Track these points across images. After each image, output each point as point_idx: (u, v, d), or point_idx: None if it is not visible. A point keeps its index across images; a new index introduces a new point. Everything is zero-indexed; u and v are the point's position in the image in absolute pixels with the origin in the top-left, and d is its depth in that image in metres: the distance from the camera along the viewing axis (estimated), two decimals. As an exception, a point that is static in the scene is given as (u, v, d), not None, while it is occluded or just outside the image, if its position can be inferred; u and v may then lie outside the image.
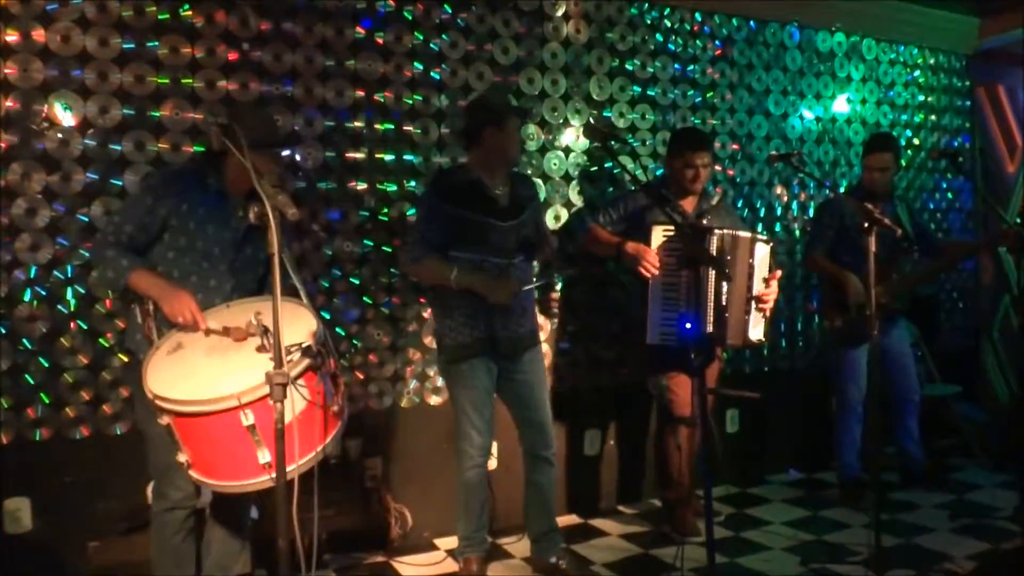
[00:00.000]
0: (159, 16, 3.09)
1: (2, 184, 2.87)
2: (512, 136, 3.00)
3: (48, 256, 2.95)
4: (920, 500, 3.99)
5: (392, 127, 3.53)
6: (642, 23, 4.15)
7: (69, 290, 2.99)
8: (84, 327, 3.01)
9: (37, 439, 2.95)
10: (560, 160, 3.92)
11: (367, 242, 3.49)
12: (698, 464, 3.40)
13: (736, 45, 4.44)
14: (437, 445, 3.56)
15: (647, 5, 4.16)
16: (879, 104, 4.96)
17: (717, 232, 3.25)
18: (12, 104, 2.88)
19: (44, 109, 2.92)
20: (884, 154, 3.89)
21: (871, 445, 3.65)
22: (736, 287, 3.29)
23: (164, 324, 2.37)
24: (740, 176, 4.48)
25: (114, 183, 3.03)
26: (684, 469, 3.55)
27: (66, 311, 2.99)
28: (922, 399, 4.17)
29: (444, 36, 3.63)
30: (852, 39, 4.83)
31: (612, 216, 3.52)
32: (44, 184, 2.93)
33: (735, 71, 4.43)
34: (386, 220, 3.52)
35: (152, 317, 2.39)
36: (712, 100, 4.37)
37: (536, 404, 3.11)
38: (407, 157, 3.56)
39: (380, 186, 3.52)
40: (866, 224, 2.86)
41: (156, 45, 3.09)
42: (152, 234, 2.44)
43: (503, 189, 3.04)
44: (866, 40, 4.89)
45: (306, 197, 3.35)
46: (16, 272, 2.91)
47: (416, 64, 3.57)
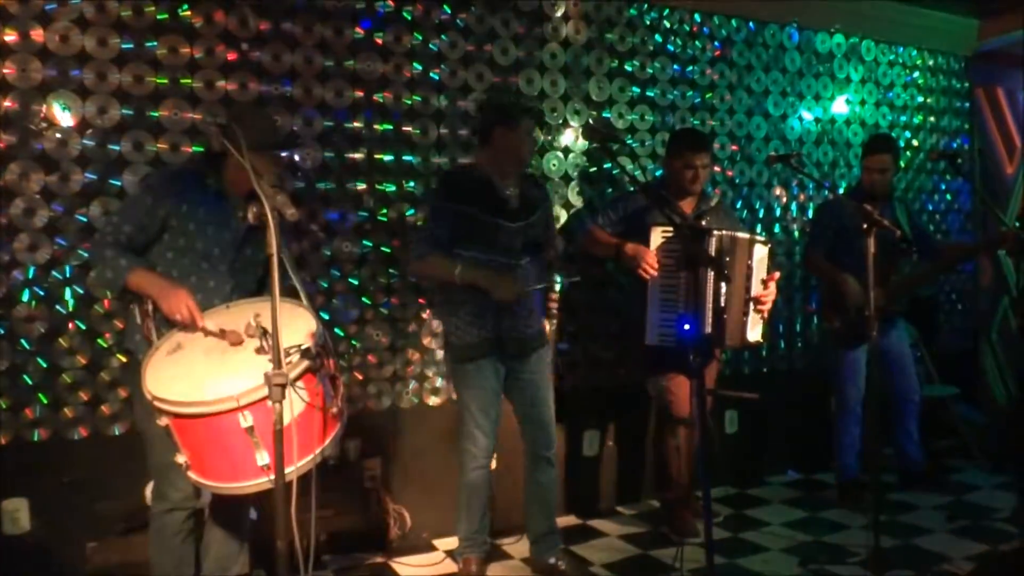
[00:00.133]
0: (158, 16, 3.09)
1: (0, 184, 2.87)
2: (524, 137, 2.98)
3: (46, 256, 2.95)
4: (918, 501, 3.99)
5: (391, 127, 3.53)
6: (641, 24, 4.15)
7: (67, 290, 2.99)
8: (83, 327, 3.01)
9: (35, 439, 2.95)
10: (559, 161, 3.92)
11: (366, 243, 3.49)
12: (697, 465, 3.40)
13: (735, 46, 4.44)
14: (436, 446, 3.56)
15: (646, 6, 4.16)
16: (878, 105, 4.97)
17: (716, 233, 3.25)
18: (11, 104, 2.87)
19: (43, 109, 2.92)
20: (883, 156, 3.90)
21: (870, 446, 3.65)
22: (735, 288, 3.29)
23: (163, 324, 2.37)
24: (739, 177, 4.48)
25: (113, 183, 3.03)
26: (683, 470, 3.56)
27: (64, 311, 2.99)
28: (921, 400, 4.18)
29: (443, 37, 3.63)
30: (851, 40, 4.83)
31: (611, 217, 3.53)
32: (42, 184, 2.93)
33: (734, 72, 4.43)
34: (385, 221, 3.52)
35: (151, 317, 2.38)
36: (711, 101, 4.37)
37: (541, 404, 3.11)
38: (406, 158, 3.56)
39: (379, 186, 3.51)
40: (865, 225, 2.87)
41: (155, 45, 3.09)
42: (151, 234, 2.44)
43: (513, 190, 3.03)
44: (865, 41, 4.89)
45: (305, 197, 3.35)
46: (14, 272, 2.91)
47: (415, 64, 3.57)
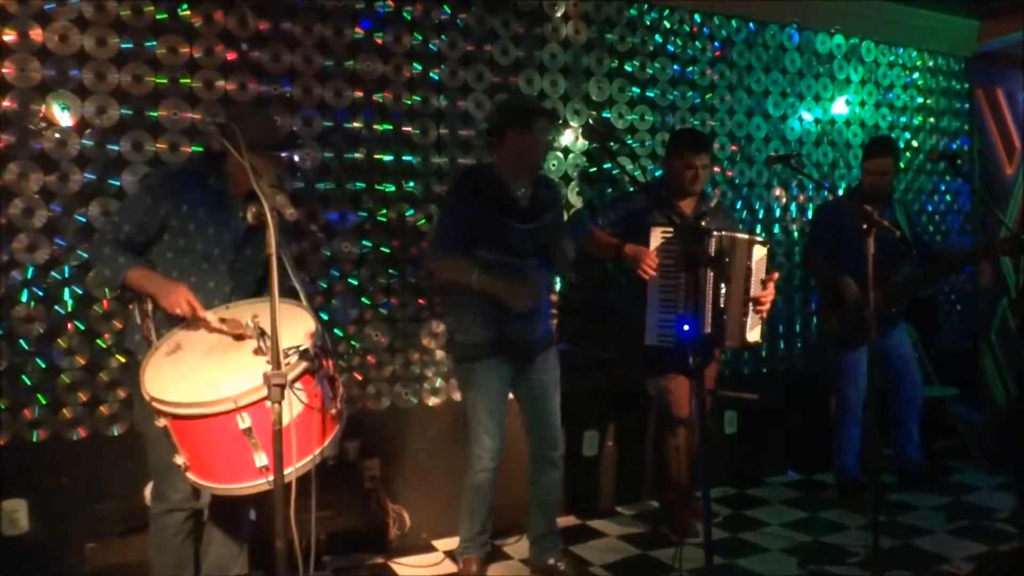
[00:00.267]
0: (157, 16, 3.08)
1: (-1, 184, 2.87)
2: (537, 139, 2.97)
3: (45, 256, 2.94)
4: (918, 502, 3.99)
5: (391, 128, 3.53)
6: (641, 24, 4.15)
7: (66, 290, 2.98)
8: (81, 328, 3.00)
9: (34, 440, 2.94)
10: (559, 161, 3.91)
11: (365, 243, 3.49)
12: (696, 465, 3.40)
13: (735, 47, 4.44)
14: (436, 446, 3.56)
15: (646, 6, 4.15)
16: (878, 106, 4.96)
17: (715, 234, 3.25)
18: (10, 104, 2.87)
19: (42, 109, 2.91)
20: (884, 159, 3.88)
21: (870, 447, 3.65)
22: (734, 289, 3.28)
23: (163, 325, 2.37)
24: (739, 177, 4.48)
25: (112, 183, 3.02)
26: (682, 470, 3.55)
27: (63, 311, 2.98)
28: (921, 401, 4.18)
29: (443, 37, 3.63)
30: (851, 41, 4.83)
31: (611, 218, 3.52)
32: (41, 184, 2.93)
33: (734, 72, 4.43)
34: (384, 221, 3.52)
35: (151, 318, 2.38)
36: (711, 101, 4.37)
37: (547, 406, 3.11)
38: (406, 158, 3.56)
39: (379, 187, 3.51)
40: (865, 227, 2.86)
41: (154, 45, 3.08)
42: (151, 234, 2.43)
43: (525, 191, 3.02)
44: (865, 42, 4.89)
45: (304, 198, 3.35)
46: (13, 272, 2.90)
47: (415, 65, 3.56)
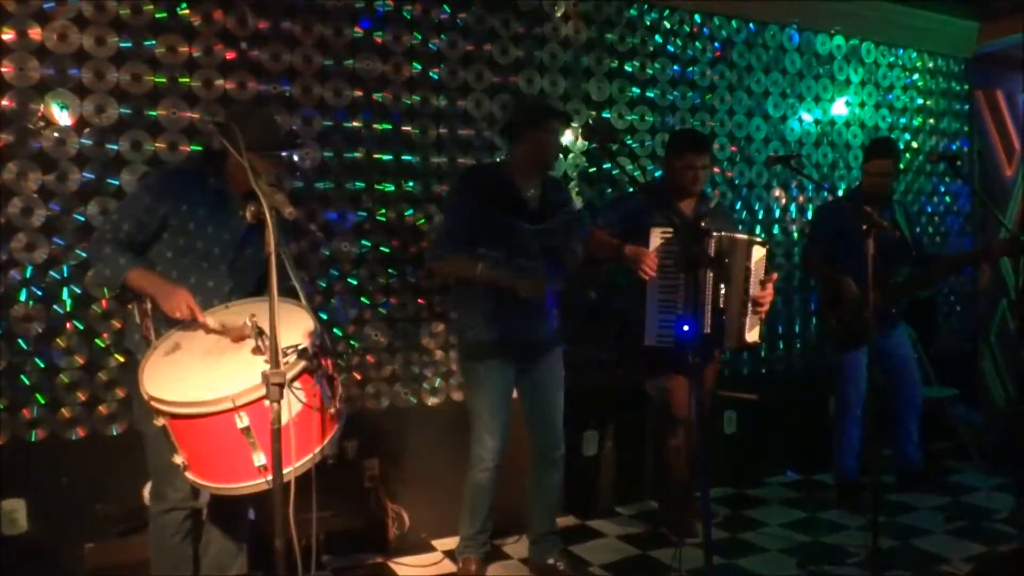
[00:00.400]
0: (156, 15, 3.08)
1: (-2, 183, 2.87)
2: (549, 139, 2.94)
3: (44, 256, 2.94)
4: (917, 502, 3.99)
5: (390, 127, 3.53)
6: (641, 24, 4.15)
7: (65, 290, 2.98)
8: (80, 327, 3.00)
9: (33, 440, 2.94)
10: (559, 161, 3.91)
11: (365, 242, 3.48)
12: (696, 465, 3.40)
13: (735, 47, 4.44)
14: (435, 446, 3.56)
15: (646, 6, 4.15)
16: (878, 107, 4.96)
17: (715, 234, 3.24)
18: (8, 103, 2.86)
19: (40, 108, 2.91)
20: (885, 160, 3.87)
21: (869, 447, 3.65)
22: (733, 289, 3.28)
23: (162, 324, 2.36)
24: (739, 178, 4.48)
25: (111, 182, 3.02)
26: (681, 470, 3.55)
27: (62, 311, 2.98)
28: (921, 401, 4.18)
29: (443, 36, 3.62)
30: (851, 42, 4.83)
31: (610, 218, 3.51)
32: (40, 183, 2.92)
33: (734, 73, 4.43)
34: (384, 220, 3.52)
35: (150, 317, 2.37)
36: (711, 102, 4.37)
37: (550, 406, 3.11)
38: (405, 157, 3.56)
39: (378, 186, 3.51)
40: (865, 227, 2.86)
41: (153, 44, 3.08)
42: (150, 233, 2.43)
43: (534, 192, 3.00)
44: (865, 43, 4.89)
45: (304, 197, 3.34)
46: (12, 272, 2.90)
47: (415, 64, 3.56)
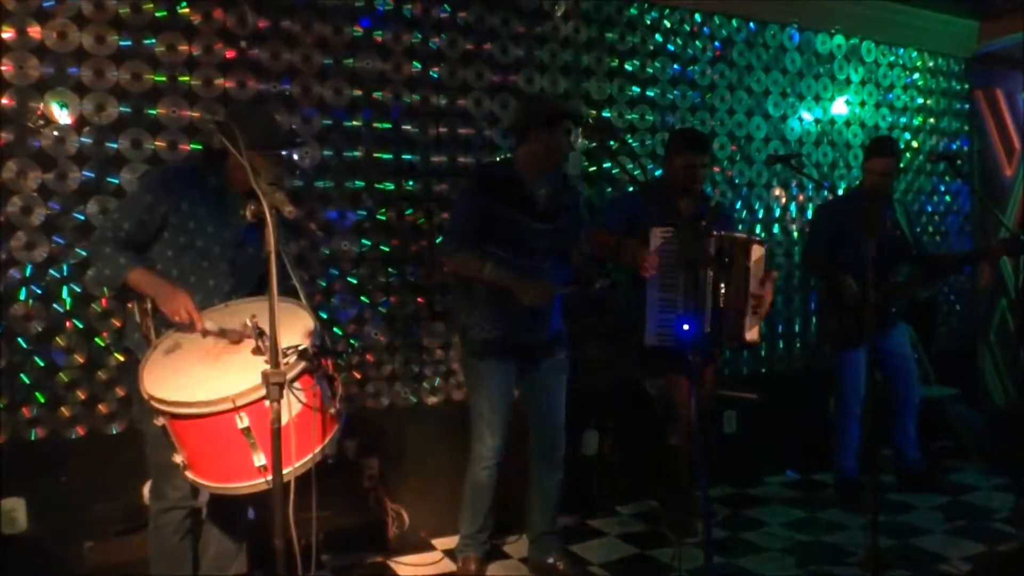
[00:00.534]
0: (156, 13, 3.07)
1: (-2, 182, 2.86)
2: (559, 139, 2.93)
3: (44, 254, 2.94)
4: (916, 502, 3.99)
5: (390, 126, 3.52)
6: (641, 23, 4.14)
7: (65, 289, 2.97)
8: (80, 326, 3.00)
9: (32, 439, 2.94)
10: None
11: (365, 241, 3.48)
12: (695, 465, 3.40)
13: (735, 46, 4.43)
14: (434, 445, 3.56)
15: (647, 5, 4.15)
16: (878, 106, 4.96)
17: (714, 234, 3.24)
18: (8, 101, 2.86)
19: (40, 106, 2.90)
20: (887, 159, 3.86)
21: (869, 447, 3.65)
22: (733, 288, 3.28)
23: (162, 323, 2.36)
24: (739, 177, 4.48)
25: (110, 181, 3.02)
26: (682, 470, 3.55)
27: (62, 310, 2.97)
28: (920, 401, 4.18)
29: (443, 35, 3.62)
30: (852, 41, 4.83)
31: (610, 217, 3.51)
32: (40, 182, 2.92)
33: (734, 72, 4.43)
34: (384, 219, 3.51)
35: (150, 316, 2.37)
36: (711, 101, 4.36)
37: (551, 405, 3.10)
38: (405, 156, 3.55)
39: (378, 185, 3.50)
40: (864, 226, 2.86)
41: (153, 42, 3.07)
42: (151, 232, 2.42)
43: (544, 191, 2.99)
44: (865, 42, 4.88)
45: (304, 196, 3.34)
46: (11, 271, 2.90)
47: (415, 63, 3.56)
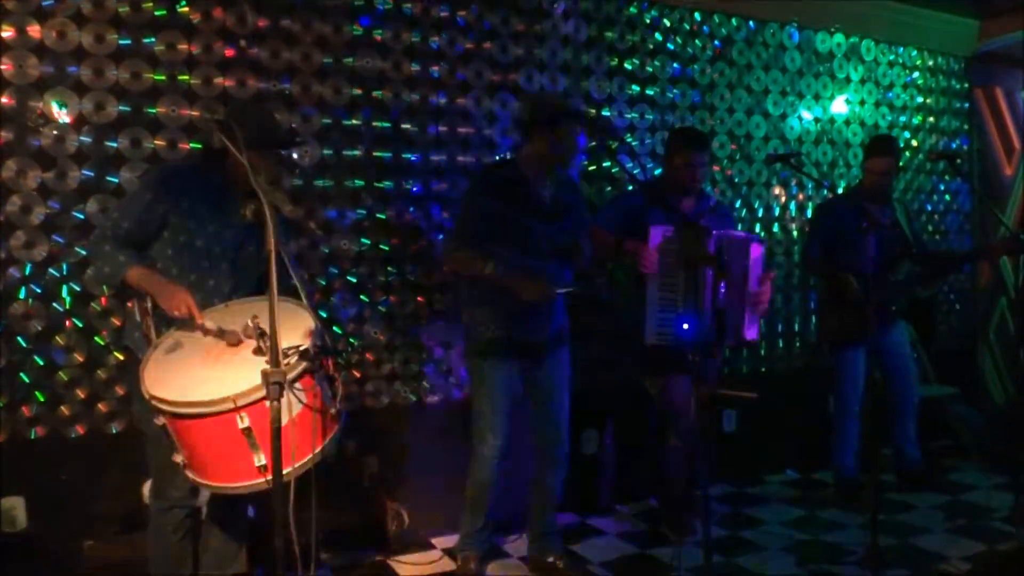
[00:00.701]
0: (156, 12, 3.07)
1: (-3, 181, 2.86)
2: (564, 139, 2.93)
3: (43, 253, 2.93)
4: (916, 501, 4.00)
5: (390, 125, 3.52)
6: (641, 22, 4.14)
7: (64, 288, 2.97)
8: (79, 325, 2.99)
9: (32, 437, 2.94)
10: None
11: (364, 240, 3.48)
12: (695, 464, 3.40)
13: (735, 45, 4.43)
14: (434, 444, 3.56)
15: (646, 4, 4.14)
16: (878, 105, 4.96)
17: (714, 232, 3.24)
18: (7, 100, 2.86)
19: (39, 105, 2.90)
20: (886, 158, 3.86)
21: (868, 446, 3.65)
22: (732, 287, 3.28)
23: (163, 322, 2.36)
24: (738, 176, 4.48)
25: (110, 180, 3.02)
26: (681, 469, 3.55)
27: (61, 309, 2.97)
28: (919, 400, 4.18)
29: (442, 34, 3.62)
30: (851, 40, 4.83)
31: (610, 216, 3.51)
32: (39, 181, 2.92)
33: (734, 71, 4.43)
34: (383, 218, 3.51)
35: (151, 315, 2.37)
36: (711, 100, 4.36)
37: (554, 404, 3.10)
38: (405, 155, 3.55)
39: (377, 184, 3.50)
40: (865, 225, 2.86)
41: (152, 41, 3.07)
42: (150, 231, 2.42)
43: (548, 191, 2.99)
44: (865, 41, 4.88)
45: (303, 195, 3.34)
46: (11, 269, 2.90)
47: (414, 62, 3.56)
